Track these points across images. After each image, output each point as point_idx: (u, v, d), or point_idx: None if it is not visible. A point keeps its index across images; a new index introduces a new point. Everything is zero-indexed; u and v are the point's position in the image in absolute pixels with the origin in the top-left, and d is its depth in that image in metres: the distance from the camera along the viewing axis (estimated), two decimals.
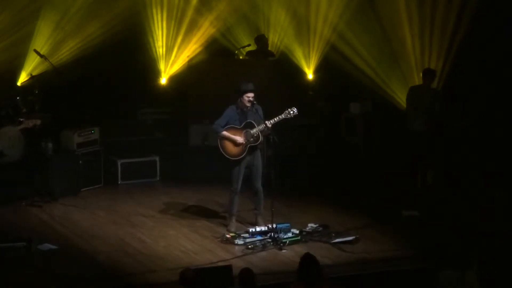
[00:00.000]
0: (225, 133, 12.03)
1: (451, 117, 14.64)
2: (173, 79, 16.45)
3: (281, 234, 11.63)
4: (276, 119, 11.88)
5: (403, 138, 13.98)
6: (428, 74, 13.96)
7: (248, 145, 11.98)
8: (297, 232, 11.85)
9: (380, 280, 10.58)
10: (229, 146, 12.04)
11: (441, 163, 14.91)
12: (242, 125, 12.01)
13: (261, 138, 11.95)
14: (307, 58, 16.88)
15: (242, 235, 11.82)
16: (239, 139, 11.96)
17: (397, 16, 16.19)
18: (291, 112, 11.92)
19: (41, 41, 15.27)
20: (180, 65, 16.37)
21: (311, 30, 16.81)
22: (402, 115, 14.58)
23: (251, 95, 11.93)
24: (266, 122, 11.82)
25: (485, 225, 12.29)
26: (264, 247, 11.46)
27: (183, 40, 16.37)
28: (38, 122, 13.22)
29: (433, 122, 13.60)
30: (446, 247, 9.82)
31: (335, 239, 11.73)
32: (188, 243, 11.76)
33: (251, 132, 11.95)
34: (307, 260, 8.69)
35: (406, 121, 13.91)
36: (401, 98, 15.51)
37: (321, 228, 12.10)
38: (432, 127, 13.63)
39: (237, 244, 11.59)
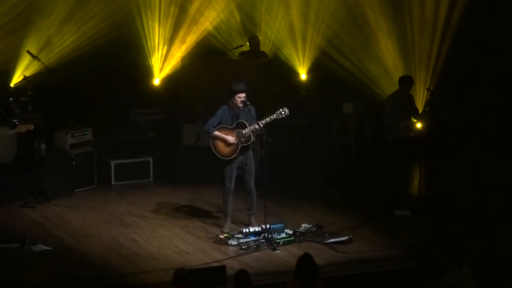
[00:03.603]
0: (217, 133, 12.03)
1: (436, 109, 14.54)
2: (166, 79, 16.44)
3: (275, 235, 11.64)
4: (267, 119, 11.89)
5: (388, 147, 13.83)
6: (406, 82, 13.51)
7: (240, 145, 11.99)
8: (291, 232, 11.87)
9: (373, 280, 10.60)
10: (221, 146, 12.05)
11: (432, 163, 14.98)
12: (234, 125, 12.02)
13: (252, 138, 11.96)
14: (300, 58, 16.91)
15: (235, 235, 11.83)
16: (231, 139, 11.97)
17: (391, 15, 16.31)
18: (283, 112, 11.93)
19: (34, 42, 15.25)
20: (173, 66, 16.37)
21: (304, 30, 16.83)
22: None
23: (242, 95, 11.93)
24: (258, 122, 11.84)
25: (478, 225, 12.33)
26: (257, 247, 11.46)
27: (176, 41, 16.37)
28: (32, 127, 13.22)
29: (418, 127, 13.45)
30: (439, 246, 9.83)
31: (328, 239, 11.75)
32: (181, 244, 11.77)
33: (243, 132, 11.95)
34: (306, 260, 8.72)
35: (386, 131, 13.70)
36: None
37: (314, 229, 12.12)
38: (413, 133, 13.46)
39: (231, 245, 11.60)
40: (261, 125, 11.80)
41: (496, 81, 15.90)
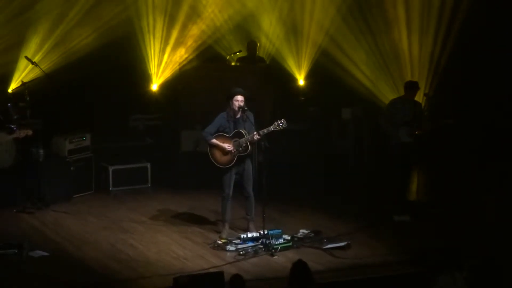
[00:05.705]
0: (214, 141, 12.03)
1: (439, 115, 14.53)
2: (164, 85, 16.45)
3: (273, 240, 11.63)
4: (265, 130, 11.84)
5: (389, 151, 13.81)
6: (411, 87, 13.49)
7: (237, 155, 11.97)
8: (289, 238, 11.86)
9: (372, 285, 10.58)
10: (218, 154, 12.05)
11: (431, 169, 14.96)
12: (231, 134, 12.01)
13: (249, 148, 11.95)
14: (298, 64, 16.92)
15: (233, 241, 11.82)
16: (228, 147, 11.96)
17: (388, 20, 16.30)
18: (280, 124, 11.87)
19: (32, 47, 15.26)
20: (172, 72, 16.37)
21: (302, 35, 16.85)
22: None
23: (240, 98, 11.93)
24: (255, 132, 11.82)
25: (476, 230, 12.32)
26: (255, 253, 11.46)
27: (174, 47, 16.38)
28: (30, 132, 13.24)
29: (417, 133, 13.41)
30: (437, 252, 9.82)
31: (326, 245, 11.74)
32: (179, 249, 11.76)
33: (240, 141, 11.94)
34: (299, 266, 8.69)
35: (385, 135, 13.67)
36: None
37: (312, 234, 12.10)
38: (416, 137, 13.43)
39: (229, 250, 11.59)
40: (258, 137, 11.79)
41: (499, 85, 15.87)
